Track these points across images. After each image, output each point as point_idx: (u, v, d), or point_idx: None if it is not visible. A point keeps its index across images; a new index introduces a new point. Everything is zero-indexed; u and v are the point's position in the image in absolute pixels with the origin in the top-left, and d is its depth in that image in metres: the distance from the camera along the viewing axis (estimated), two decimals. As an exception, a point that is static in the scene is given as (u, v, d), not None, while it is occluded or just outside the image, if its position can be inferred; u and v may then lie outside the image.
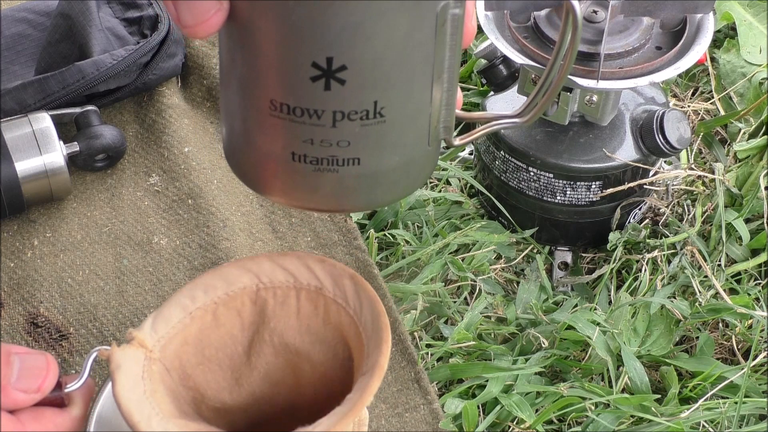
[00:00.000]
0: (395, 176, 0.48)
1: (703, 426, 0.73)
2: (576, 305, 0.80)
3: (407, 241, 0.83)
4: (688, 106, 0.96)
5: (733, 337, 0.79)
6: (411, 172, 0.49)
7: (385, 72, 0.43)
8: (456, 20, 0.44)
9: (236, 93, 0.46)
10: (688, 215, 0.85)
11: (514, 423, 0.73)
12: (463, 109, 0.95)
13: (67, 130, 0.86)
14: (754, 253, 0.84)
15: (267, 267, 0.58)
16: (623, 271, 0.83)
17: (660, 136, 0.80)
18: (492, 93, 0.86)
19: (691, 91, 0.99)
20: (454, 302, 0.80)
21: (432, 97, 0.46)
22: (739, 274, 0.83)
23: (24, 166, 0.81)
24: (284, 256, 0.59)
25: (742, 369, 0.75)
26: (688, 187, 0.86)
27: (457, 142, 0.51)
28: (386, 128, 0.45)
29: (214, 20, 0.44)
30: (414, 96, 0.45)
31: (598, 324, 0.76)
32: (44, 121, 0.82)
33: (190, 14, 0.44)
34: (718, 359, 0.78)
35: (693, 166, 0.89)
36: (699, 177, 0.87)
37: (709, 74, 0.99)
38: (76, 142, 0.84)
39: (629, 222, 0.85)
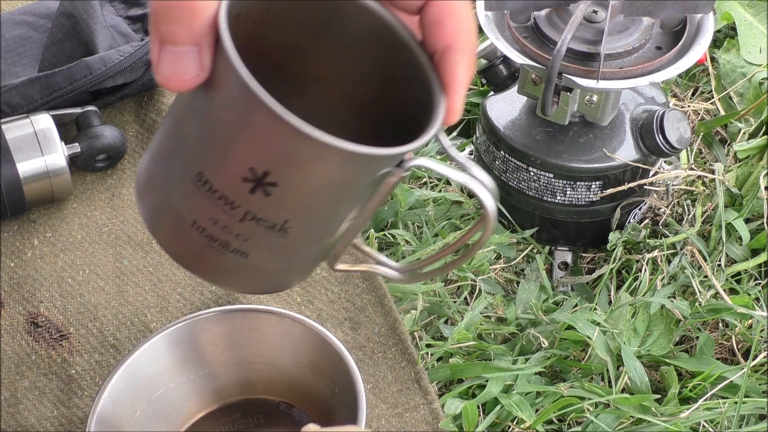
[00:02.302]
0: (272, 276, 0.51)
1: (703, 426, 0.73)
2: (576, 305, 0.80)
3: (407, 241, 0.83)
4: (688, 106, 0.96)
5: (733, 337, 0.79)
6: (287, 276, 0.52)
7: (308, 203, 0.46)
8: (389, 186, 0.47)
9: (173, 145, 0.48)
10: (688, 215, 0.85)
11: (514, 423, 0.73)
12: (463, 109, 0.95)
13: (67, 130, 0.86)
14: (754, 253, 0.84)
15: None
16: (623, 271, 0.83)
17: (660, 136, 0.80)
18: (492, 93, 0.86)
19: (691, 91, 0.99)
20: (454, 302, 0.80)
21: (337, 232, 0.49)
22: (739, 274, 0.83)
23: (26, 167, 0.81)
24: None
25: (742, 369, 0.75)
26: (688, 187, 0.86)
27: (339, 267, 0.52)
28: (284, 242, 0.47)
29: (189, 83, 0.43)
30: (322, 228, 0.48)
31: (598, 324, 0.76)
32: (45, 121, 0.82)
33: (170, 67, 0.43)
34: (718, 359, 0.78)
35: (693, 166, 0.89)
36: (699, 177, 0.87)
37: (709, 74, 0.99)
38: (77, 143, 0.83)
39: (629, 222, 0.85)
